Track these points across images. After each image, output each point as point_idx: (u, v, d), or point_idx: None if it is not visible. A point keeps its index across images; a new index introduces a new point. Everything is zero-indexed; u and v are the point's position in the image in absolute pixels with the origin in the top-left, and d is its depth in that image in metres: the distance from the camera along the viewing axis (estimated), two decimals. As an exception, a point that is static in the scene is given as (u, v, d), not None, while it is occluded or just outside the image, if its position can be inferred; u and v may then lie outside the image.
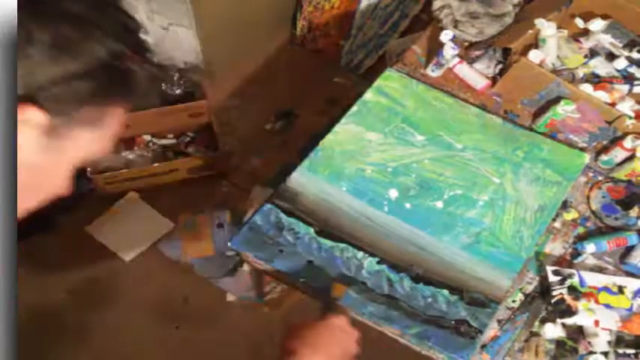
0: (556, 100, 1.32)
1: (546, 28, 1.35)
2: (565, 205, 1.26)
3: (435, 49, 1.40)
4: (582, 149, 1.33)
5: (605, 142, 1.35)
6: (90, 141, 0.45)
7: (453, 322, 1.06)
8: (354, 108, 1.32)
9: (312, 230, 1.14)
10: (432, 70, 1.41)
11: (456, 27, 1.43)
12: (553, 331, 1.08)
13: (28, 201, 0.46)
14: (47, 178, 0.46)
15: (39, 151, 0.41)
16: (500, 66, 1.42)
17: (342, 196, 1.19)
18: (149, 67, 0.45)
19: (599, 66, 1.43)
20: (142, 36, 0.46)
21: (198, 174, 1.97)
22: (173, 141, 2.05)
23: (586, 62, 1.43)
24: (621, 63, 1.42)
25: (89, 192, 1.92)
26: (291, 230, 1.14)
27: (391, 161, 1.26)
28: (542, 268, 1.16)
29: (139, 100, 0.46)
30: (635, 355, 1.06)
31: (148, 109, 1.83)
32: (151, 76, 0.45)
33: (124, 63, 0.42)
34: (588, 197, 1.29)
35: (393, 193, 1.21)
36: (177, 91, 1.94)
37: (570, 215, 1.25)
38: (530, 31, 1.36)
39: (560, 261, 1.19)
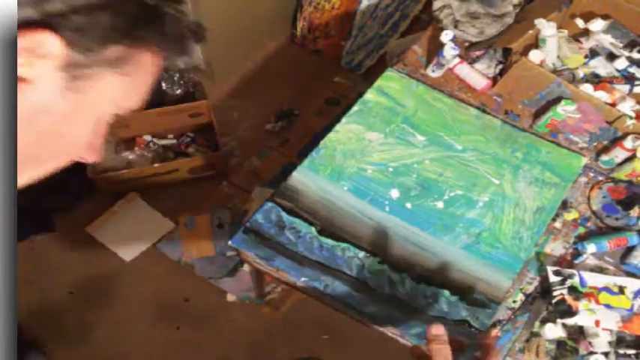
0: (556, 101, 1.32)
1: (546, 28, 1.35)
2: (565, 206, 1.26)
3: (435, 49, 1.40)
4: (582, 150, 1.33)
5: (605, 143, 1.35)
6: (118, 88, 0.40)
7: (453, 322, 1.06)
8: (355, 107, 1.32)
9: (313, 229, 1.14)
10: (433, 71, 1.41)
11: (456, 27, 1.43)
12: (554, 331, 1.08)
13: (53, 156, 0.41)
14: (72, 128, 0.40)
15: (59, 91, 0.37)
16: (500, 66, 1.42)
17: (343, 195, 1.19)
18: (181, 8, 0.40)
19: (600, 66, 1.43)
20: None
21: (198, 174, 1.97)
22: (173, 141, 2.05)
23: (586, 62, 1.43)
24: (622, 63, 1.42)
25: (89, 192, 1.92)
26: (292, 229, 1.14)
27: (392, 161, 1.26)
28: (543, 268, 1.16)
29: (171, 46, 0.41)
30: (636, 355, 1.06)
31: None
32: (185, 24, 0.41)
33: (156, 2, 0.38)
34: (589, 197, 1.29)
35: (394, 193, 1.21)
36: (178, 91, 1.94)
37: (571, 215, 1.25)
38: (530, 31, 1.36)
39: (560, 261, 1.19)
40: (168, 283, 1.82)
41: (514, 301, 1.13)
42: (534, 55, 1.35)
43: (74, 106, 0.39)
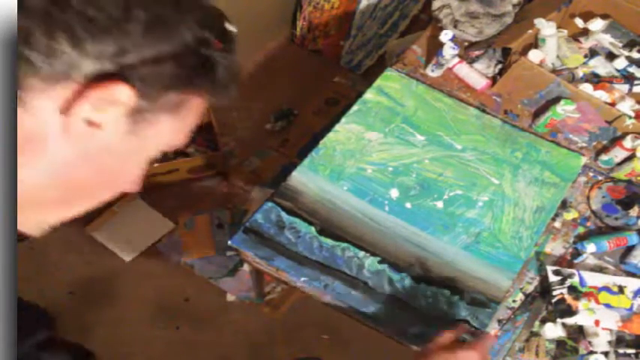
0: (556, 100, 1.32)
1: (546, 27, 1.35)
2: (565, 205, 1.26)
3: (434, 49, 1.40)
4: (582, 149, 1.33)
5: (605, 142, 1.35)
6: (170, 130, 0.44)
7: (453, 321, 1.06)
8: (355, 107, 1.32)
9: (313, 229, 1.14)
10: (432, 70, 1.41)
11: (455, 27, 1.43)
12: (553, 330, 1.08)
13: (104, 190, 0.45)
14: (126, 166, 0.44)
15: (123, 134, 0.40)
16: (500, 66, 1.42)
17: (343, 195, 1.20)
18: (231, 58, 0.44)
19: (599, 66, 1.43)
20: (228, 26, 0.45)
21: (198, 174, 1.97)
22: (173, 141, 2.05)
23: (586, 62, 1.43)
24: (621, 63, 1.42)
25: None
26: (292, 229, 1.14)
27: (392, 161, 1.26)
28: (543, 268, 1.16)
29: (219, 91, 0.45)
30: (636, 354, 1.06)
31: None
32: (233, 67, 0.45)
33: (209, 51, 0.41)
34: (588, 197, 1.29)
35: (394, 193, 1.21)
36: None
37: (570, 215, 1.25)
38: (530, 31, 1.36)
39: (560, 261, 1.19)
40: (169, 283, 1.82)
41: (514, 301, 1.14)
42: (534, 55, 1.35)
43: (134, 147, 0.42)
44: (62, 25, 0.34)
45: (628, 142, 1.26)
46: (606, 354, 1.07)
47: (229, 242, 1.12)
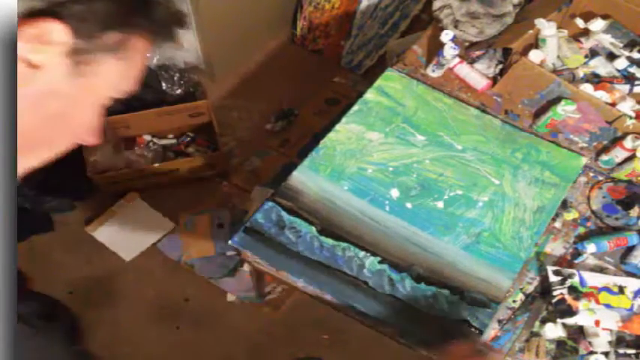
0: (556, 100, 1.32)
1: (546, 28, 1.35)
2: (565, 205, 1.26)
3: (435, 49, 1.40)
4: (582, 149, 1.33)
5: (605, 142, 1.35)
6: (116, 72, 0.44)
7: (453, 322, 1.06)
8: (355, 107, 1.32)
9: (313, 229, 1.14)
10: (433, 70, 1.41)
11: (456, 27, 1.43)
12: (554, 331, 1.08)
13: (61, 137, 0.45)
14: (77, 109, 0.44)
15: (65, 76, 0.40)
16: (500, 66, 1.42)
17: (343, 195, 1.19)
18: (169, 1, 0.45)
19: (600, 66, 1.43)
20: None
21: (198, 174, 1.97)
22: (173, 141, 2.05)
23: (586, 62, 1.43)
24: (622, 63, 1.42)
25: (89, 192, 1.92)
26: (292, 229, 1.14)
27: (392, 161, 1.26)
28: (543, 268, 1.16)
29: (160, 32, 0.45)
30: (636, 355, 1.06)
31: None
32: (171, 11, 0.45)
33: None
34: (589, 197, 1.29)
35: (395, 193, 1.21)
36: (178, 91, 1.94)
37: (571, 215, 1.25)
38: (530, 31, 1.36)
39: (560, 261, 1.19)
40: (168, 283, 1.82)
41: (514, 301, 1.14)
42: (534, 55, 1.35)
43: (79, 90, 0.42)
44: None
45: (628, 143, 1.26)
46: (606, 354, 1.07)
47: (229, 242, 1.12)
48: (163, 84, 1.91)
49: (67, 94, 0.41)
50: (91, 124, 0.46)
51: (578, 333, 1.10)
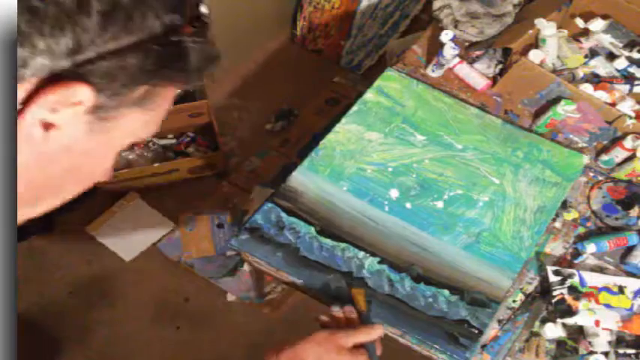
0: (556, 100, 1.32)
1: (546, 28, 1.35)
2: (565, 205, 1.26)
3: (435, 49, 1.40)
4: (582, 149, 1.33)
5: (605, 142, 1.35)
6: (139, 122, 0.41)
7: (453, 322, 1.06)
8: (355, 108, 1.32)
9: (312, 229, 1.14)
10: (432, 70, 1.41)
11: (456, 27, 1.43)
12: (553, 331, 1.08)
13: (71, 187, 0.43)
14: (92, 162, 0.42)
15: (85, 133, 0.37)
16: (500, 66, 1.42)
17: (342, 195, 1.19)
18: (205, 42, 0.40)
19: (600, 66, 1.43)
20: (202, 8, 0.41)
21: (198, 174, 1.97)
22: (173, 141, 2.05)
23: (586, 62, 1.43)
24: (621, 63, 1.42)
25: (89, 192, 1.92)
26: (291, 229, 1.14)
27: (392, 161, 1.26)
28: (543, 268, 1.16)
29: (192, 78, 0.42)
30: (636, 355, 1.06)
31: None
32: (207, 52, 0.41)
33: (178, 37, 0.38)
34: (588, 197, 1.29)
35: (394, 193, 1.21)
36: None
37: (571, 215, 1.25)
38: (530, 31, 1.36)
39: (560, 261, 1.19)
40: (168, 283, 1.83)
41: (514, 301, 1.14)
42: (534, 55, 1.35)
43: (97, 145, 0.39)
44: None
45: (628, 143, 1.26)
46: (606, 354, 1.07)
47: (229, 243, 1.12)
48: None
49: (84, 149, 0.39)
50: (105, 170, 0.44)
51: (578, 333, 1.10)
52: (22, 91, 0.33)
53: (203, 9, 0.41)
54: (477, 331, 1.05)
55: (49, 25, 0.31)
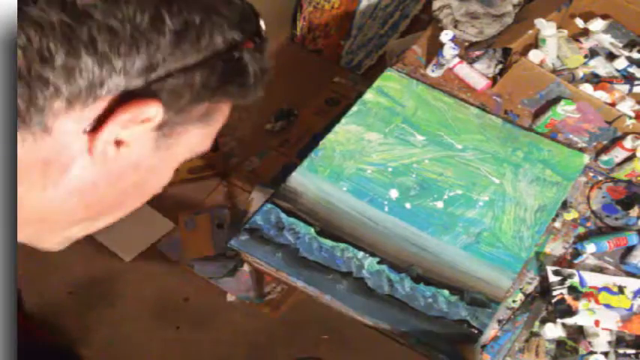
0: (556, 100, 1.32)
1: (546, 28, 1.35)
2: (565, 206, 1.26)
3: (435, 49, 1.40)
4: (582, 149, 1.33)
5: (605, 142, 1.35)
6: (199, 138, 0.41)
7: (453, 322, 1.06)
8: (354, 108, 1.32)
9: (312, 230, 1.14)
10: (432, 70, 1.41)
11: (456, 27, 1.43)
12: (553, 331, 1.08)
13: (132, 202, 0.43)
14: (155, 177, 0.42)
15: (152, 150, 0.38)
16: (500, 66, 1.42)
17: (342, 196, 1.19)
18: (263, 58, 0.41)
19: (599, 66, 1.43)
20: (261, 23, 0.41)
21: (198, 174, 1.97)
22: (173, 141, 2.05)
23: (586, 62, 1.43)
24: (621, 63, 1.42)
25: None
26: (291, 230, 1.14)
27: (391, 161, 1.26)
28: (543, 268, 1.16)
29: (249, 93, 0.42)
30: (636, 355, 1.06)
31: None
32: (264, 68, 0.42)
33: (240, 53, 0.38)
34: (588, 197, 1.29)
35: (394, 193, 1.21)
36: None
37: (570, 215, 1.25)
38: (530, 31, 1.36)
39: (560, 261, 1.19)
40: (168, 283, 1.82)
41: (514, 301, 1.14)
42: (534, 55, 1.35)
43: (161, 161, 0.40)
44: (84, 40, 0.31)
45: (628, 143, 1.26)
46: (606, 354, 1.07)
47: (229, 244, 1.12)
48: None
49: (149, 165, 0.40)
50: (164, 184, 0.45)
51: (577, 333, 1.10)
52: (97, 110, 0.33)
53: (261, 24, 0.41)
54: (476, 331, 1.05)
55: (126, 44, 0.32)
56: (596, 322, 1.08)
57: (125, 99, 0.34)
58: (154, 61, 0.33)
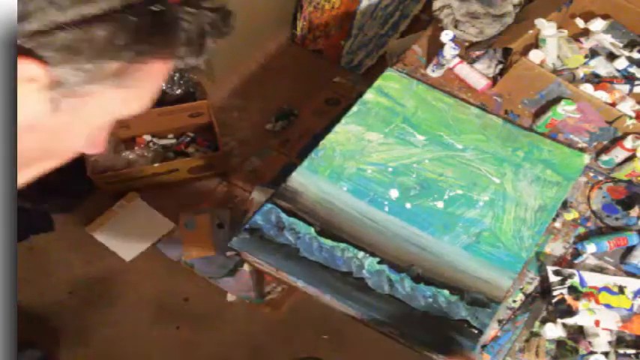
0: (556, 100, 1.32)
1: (546, 28, 1.35)
2: (565, 206, 1.26)
3: (435, 49, 1.40)
4: (582, 149, 1.33)
5: (605, 142, 1.35)
6: (117, 100, 0.37)
7: (453, 322, 1.06)
8: (355, 108, 1.32)
9: (312, 230, 1.14)
10: (433, 70, 1.41)
11: (456, 27, 1.43)
12: (554, 331, 1.08)
13: (42, 163, 0.41)
14: (63, 138, 0.39)
15: (46, 112, 0.34)
16: (500, 66, 1.42)
17: (342, 195, 1.19)
18: (199, 12, 0.36)
19: (600, 66, 1.43)
20: None
21: (198, 174, 1.97)
22: (173, 141, 2.05)
23: (586, 62, 1.43)
24: (622, 63, 1.42)
25: (89, 192, 1.92)
26: (291, 230, 1.14)
27: (391, 161, 1.26)
28: (543, 268, 1.16)
29: (186, 52, 0.37)
30: (636, 355, 1.06)
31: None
32: (201, 23, 0.36)
33: (162, 7, 0.33)
34: (589, 197, 1.29)
35: (394, 193, 1.21)
36: (178, 91, 1.94)
37: (571, 215, 1.25)
38: (530, 31, 1.36)
39: (560, 261, 1.19)
40: (168, 283, 1.82)
41: (514, 301, 1.13)
42: (534, 55, 1.35)
43: (63, 123, 0.36)
44: None
45: (628, 143, 1.26)
46: (606, 354, 1.07)
47: (229, 244, 1.12)
48: (163, 84, 1.91)
49: (50, 128, 0.36)
50: (84, 144, 0.41)
51: (578, 333, 1.10)
52: None
53: None
54: (476, 331, 1.05)
55: None
56: (597, 322, 1.08)
57: None
58: (27, 11, 0.29)
